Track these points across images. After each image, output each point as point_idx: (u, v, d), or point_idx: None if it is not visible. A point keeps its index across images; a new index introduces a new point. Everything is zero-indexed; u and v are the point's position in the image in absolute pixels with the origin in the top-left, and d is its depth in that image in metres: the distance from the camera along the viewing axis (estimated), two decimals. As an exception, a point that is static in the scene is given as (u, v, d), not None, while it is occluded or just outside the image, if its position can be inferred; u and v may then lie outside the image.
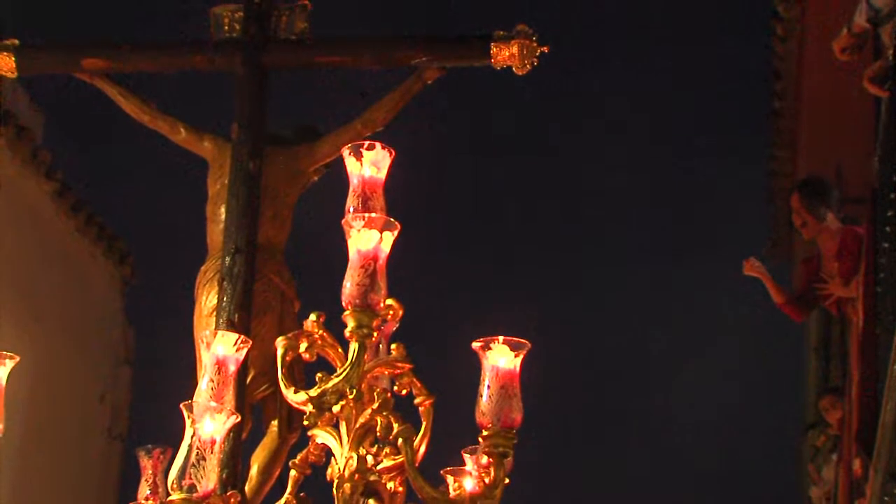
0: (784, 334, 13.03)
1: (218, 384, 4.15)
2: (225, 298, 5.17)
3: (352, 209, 4.37)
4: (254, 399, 5.25)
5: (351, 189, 4.42)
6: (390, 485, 4.40)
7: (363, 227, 4.27)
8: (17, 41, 5.62)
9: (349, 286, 4.25)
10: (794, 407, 13.79)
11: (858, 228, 7.88)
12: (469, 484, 4.42)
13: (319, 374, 4.32)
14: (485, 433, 4.27)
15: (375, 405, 4.37)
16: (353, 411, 4.32)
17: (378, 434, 4.38)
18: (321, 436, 4.37)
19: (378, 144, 4.45)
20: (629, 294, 17.65)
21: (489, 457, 4.29)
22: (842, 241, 7.66)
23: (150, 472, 4.77)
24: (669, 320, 17.00)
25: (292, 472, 4.53)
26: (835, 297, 7.87)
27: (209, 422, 4.00)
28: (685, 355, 16.96)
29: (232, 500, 4.42)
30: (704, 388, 16.63)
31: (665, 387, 17.51)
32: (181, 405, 4.12)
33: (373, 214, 4.31)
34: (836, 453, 9.41)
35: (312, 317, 4.43)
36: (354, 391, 4.27)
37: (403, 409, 4.45)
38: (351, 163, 4.44)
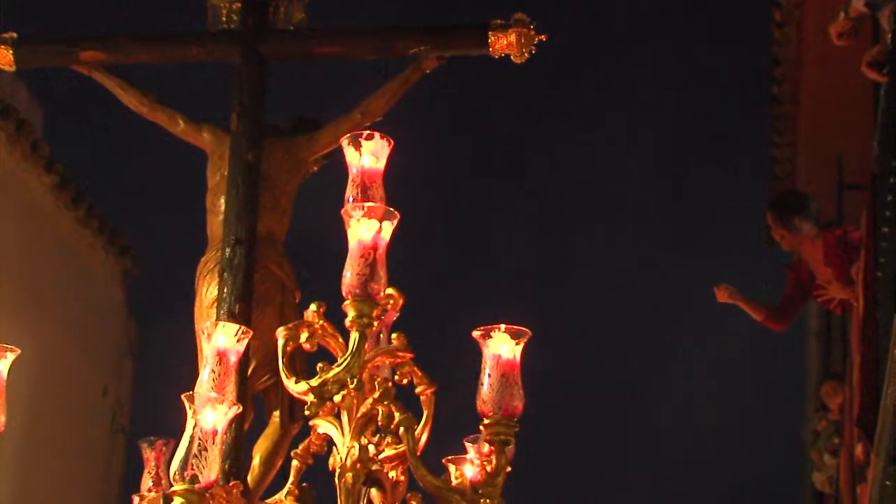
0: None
1: (219, 375, 4.16)
2: (225, 290, 5.17)
3: (351, 199, 4.38)
4: (255, 390, 5.25)
5: (350, 179, 4.42)
6: (392, 474, 4.41)
7: (363, 216, 4.27)
8: (14, 34, 5.61)
9: (349, 276, 4.25)
10: (795, 392, 13.79)
11: (837, 230, 7.95)
12: (471, 472, 4.43)
13: (320, 364, 4.33)
14: (486, 421, 4.28)
15: (376, 394, 4.38)
16: (355, 401, 4.33)
17: (379, 423, 4.39)
18: (323, 425, 4.38)
19: (377, 134, 4.45)
20: (629, 284, 17.66)
21: (491, 445, 4.30)
22: (825, 246, 7.73)
23: (153, 463, 4.79)
24: (670, 309, 17.01)
25: (294, 462, 4.54)
26: (837, 300, 7.92)
27: (211, 413, 4.00)
28: (687, 342, 16.97)
29: (234, 490, 4.42)
30: (705, 374, 16.64)
31: (666, 375, 17.52)
32: (183, 396, 4.13)
33: (372, 204, 4.32)
34: (838, 438, 9.42)
35: (313, 307, 4.44)
36: (355, 381, 4.28)
37: (405, 398, 4.46)
38: (350, 153, 4.44)
